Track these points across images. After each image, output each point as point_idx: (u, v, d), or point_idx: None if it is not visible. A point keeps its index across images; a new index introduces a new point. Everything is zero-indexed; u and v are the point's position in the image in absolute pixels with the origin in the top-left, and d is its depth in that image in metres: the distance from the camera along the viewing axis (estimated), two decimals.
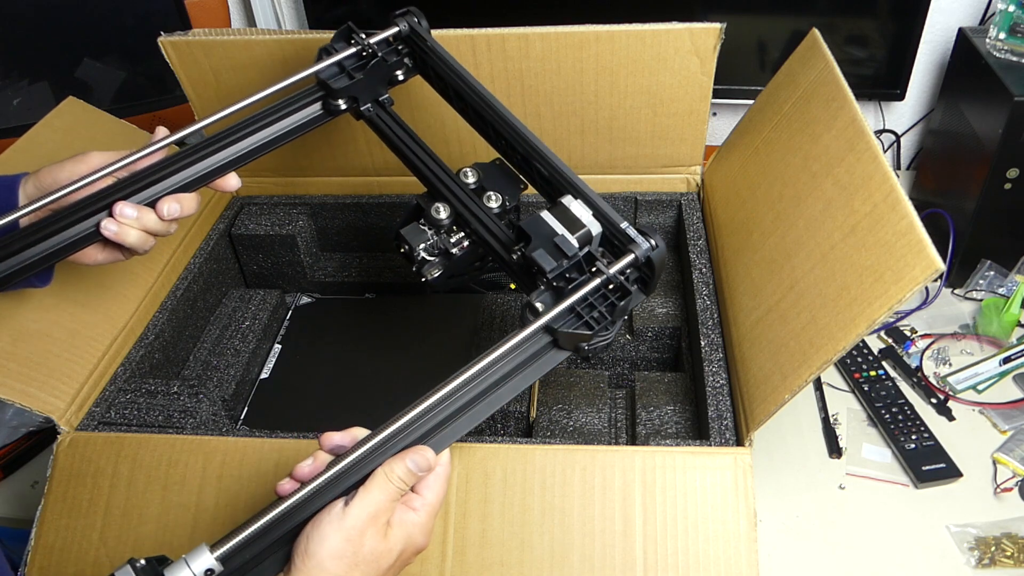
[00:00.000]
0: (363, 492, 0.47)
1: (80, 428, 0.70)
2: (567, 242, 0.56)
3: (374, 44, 0.69)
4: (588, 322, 0.55)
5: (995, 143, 0.86)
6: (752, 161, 0.80)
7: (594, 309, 0.55)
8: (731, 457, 0.61)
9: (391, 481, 0.47)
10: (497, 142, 0.68)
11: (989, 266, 0.97)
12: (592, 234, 0.57)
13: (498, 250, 0.64)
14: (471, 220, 0.66)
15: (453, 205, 0.66)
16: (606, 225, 0.58)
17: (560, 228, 0.57)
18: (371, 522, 0.46)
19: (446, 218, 0.66)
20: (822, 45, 0.76)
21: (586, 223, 0.57)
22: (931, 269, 0.51)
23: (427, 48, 0.69)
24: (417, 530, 0.48)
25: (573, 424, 0.74)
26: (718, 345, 0.72)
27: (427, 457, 0.49)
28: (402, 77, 0.72)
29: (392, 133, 0.70)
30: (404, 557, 0.48)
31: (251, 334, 0.89)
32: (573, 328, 0.55)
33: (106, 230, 0.59)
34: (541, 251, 0.56)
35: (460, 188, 0.67)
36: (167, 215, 0.60)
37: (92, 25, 1.12)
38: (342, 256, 1.00)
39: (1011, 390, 0.87)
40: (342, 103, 0.69)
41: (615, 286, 0.56)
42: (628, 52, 0.81)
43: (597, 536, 0.60)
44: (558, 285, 0.57)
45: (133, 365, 0.77)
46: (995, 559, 0.71)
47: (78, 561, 0.64)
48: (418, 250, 0.65)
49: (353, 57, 0.69)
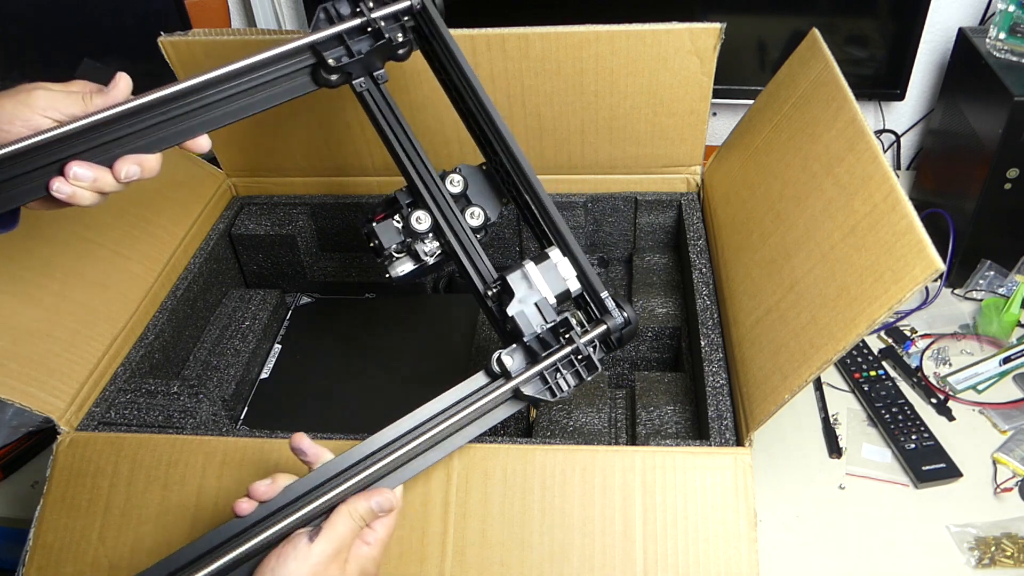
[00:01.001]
0: (328, 528, 0.48)
1: (80, 428, 0.70)
2: (547, 307, 0.58)
3: (380, 19, 0.62)
4: (552, 388, 0.57)
5: (995, 143, 0.86)
6: (752, 161, 0.80)
7: (560, 375, 0.58)
8: (731, 457, 0.61)
9: (353, 519, 0.49)
10: (492, 159, 0.66)
11: (989, 266, 0.97)
12: (571, 293, 0.60)
13: (474, 280, 0.63)
14: (451, 239, 0.64)
15: (433, 215, 0.64)
16: (587, 289, 0.61)
17: (544, 288, 0.59)
18: (334, 557, 0.48)
19: (424, 228, 0.64)
20: (822, 45, 0.76)
21: (568, 284, 0.60)
22: (931, 269, 0.51)
23: (436, 34, 0.64)
24: (369, 563, 0.50)
25: (573, 424, 0.74)
26: (718, 345, 0.72)
27: (390, 500, 0.51)
28: (402, 54, 0.66)
29: (380, 114, 0.65)
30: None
31: (251, 334, 0.89)
32: (536, 393, 0.57)
33: (59, 192, 0.52)
34: (522, 312, 0.58)
35: (443, 196, 0.65)
36: (124, 178, 0.54)
37: (92, 25, 1.12)
38: (342, 256, 1.00)
39: (1011, 390, 0.87)
40: (333, 77, 0.63)
41: (583, 357, 0.58)
42: (628, 52, 0.81)
43: (597, 536, 0.60)
44: (531, 347, 0.58)
45: (133, 365, 0.77)
46: (995, 559, 0.71)
47: (76, 561, 0.64)
48: (389, 249, 0.64)
49: (356, 29, 0.62)
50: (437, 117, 0.87)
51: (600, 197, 0.92)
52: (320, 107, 0.89)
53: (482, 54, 0.82)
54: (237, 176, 0.99)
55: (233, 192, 1.00)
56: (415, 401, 0.56)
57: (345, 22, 0.61)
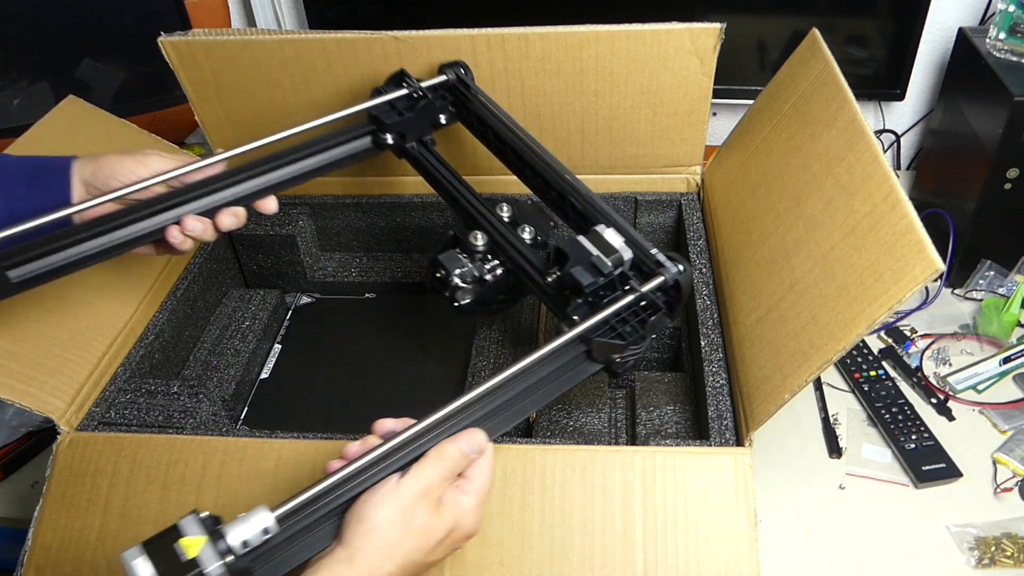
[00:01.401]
0: (417, 467, 0.49)
1: (80, 428, 0.70)
2: (603, 262, 0.60)
3: (424, 88, 0.76)
4: (621, 334, 0.58)
5: (995, 143, 0.86)
6: (752, 161, 0.80)
7: (626, 323, 0.59)
8: (731, 457, 0.61)
9: (443, 459, 0.50)
10: (533, 180, 0.73)
11: (989, 266, 0.97)
12: (624, 259, 0.61)
13: (532, 274, 0.67)
14: (506, 247, 0.69)
15: (489, 233, 0.70)
16: (637, 252, 0.62)
17: (595, 251, 0.61)
18: (423, 496, 0.48)
19: (482, 245, 0.70)
20: (822, 45, 0.76)
21: (618, 248, 0.61)
22: (931, 269, 0.51)
23: (471, 95, 0.76)
24: (467, 513, 0.50)
25: (573, 424, 0.74)
26: (718, 345, 0.72)
27: (478, 439, 0.51)
28: (445, 121, 0.78)
29: (434, 169, 0.76)
30: (454, 537, 0.49)
31: (251, 334, 0.89)
32: (608, 338, 0.58)
33: (173, 238, 0.63)
34: (579, 268, 0.60)
35: (496, 219, 0.71)
36: (224, 227, 0.65)
37: (92, 25, 1.12)
38: (342, 256, 1.00)
39: (1011, 390, 0.87)
40: (390, 138, 0.75)
41: (647, 303, 0.60)
42: (628, 52, 0.81)
43: (597, 536, 0.60)
44: (593, 301, 0.60)
45: (133, 365, 0.77)
46: (995, 559, 0.71)
47: (75, 561, 0.64)
48: (453, 276, 0.68)
49: (404, 99, 0.75)
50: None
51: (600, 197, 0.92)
52: (320, 107, 0.89)
53: (482, 54, 0.82)
54: None
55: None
56: (415, 401, 0.56)
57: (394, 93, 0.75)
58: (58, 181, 0.64)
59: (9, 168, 0.64)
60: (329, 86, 0.86)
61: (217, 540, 0.43)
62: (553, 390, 0.58)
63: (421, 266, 0.97)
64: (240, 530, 0.44)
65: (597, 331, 0.58)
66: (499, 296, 0.72)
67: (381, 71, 0.83)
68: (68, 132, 0.86)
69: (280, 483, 0.64)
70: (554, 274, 0.64)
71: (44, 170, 0.64)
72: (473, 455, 0.51)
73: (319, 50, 0.83)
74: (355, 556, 0.45)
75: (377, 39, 0.81)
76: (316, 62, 0.84)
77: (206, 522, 0.44)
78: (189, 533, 0.43)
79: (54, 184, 0.64)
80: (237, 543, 0.43)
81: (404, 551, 0.47)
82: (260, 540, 0.44)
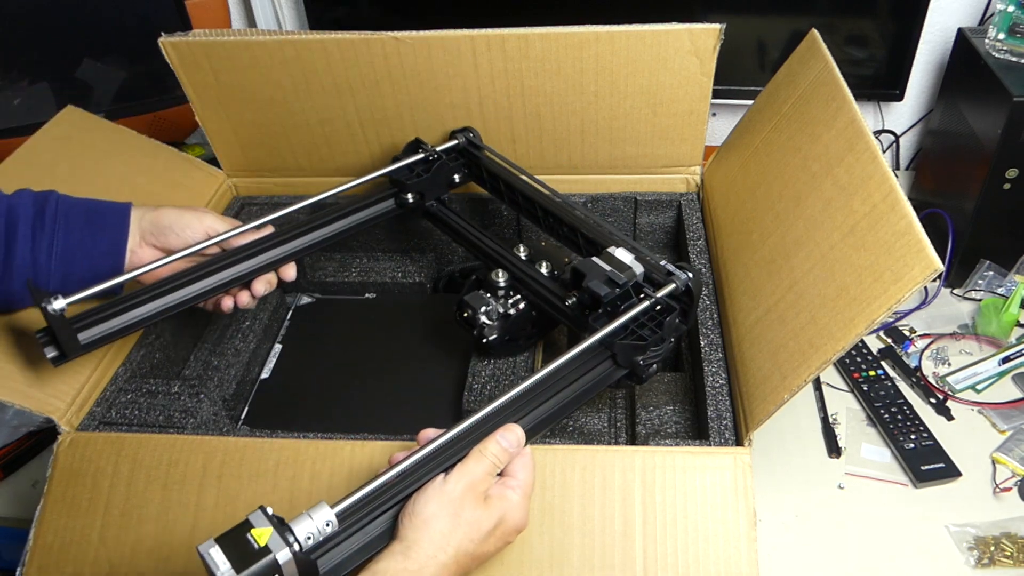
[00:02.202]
0: (461, 465, 0.52)
1: (80, 428, 0.70)
2: (617, 275, 0.65)
3: (438, 151, 0.83)
4: (641, 336, 0.62)
5: (994, 143, 0.86)
6: (752, 161, 0.81)
7: (645, 327, 0.63)
8: (731, 457, 0.61)
9: (485, 455, 0.53)
10: (545, 220, 0.79)
11: (988, 266, 0.97)
12: (636, 272, 0.66)
13: (553, 300, 0.72)
14: (527, 281, 0.75)
15: (509, 271, 0.76)
16: (647, 265, 0.67)
17: (609, 267, 0.66)
18: (469, 490, 0.51)
19: (504, 282, 0.75)
20: (821, 45, 0.76)
21: (630, 264, 0.66)
22: (930, 269, 0.51)
23: (480, 155, 0.84)
24: (514, 507, 0.52)
25: (573, 424, 0.74)
26: (718, 345, 0.72)
27: (516, 433, 0.55)
28: (459, 180, 0.86)
29: (455, 223, 0.84)
30: (503, 530, 0.52)
31: (251, 334, 0.89)
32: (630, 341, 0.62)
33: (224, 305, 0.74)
34: (596, 282, 0.65)
35: (515, 258, 0.78)
36: (258, 294, 0.74)
37: (92, 25, 1.12)
38: (342, 256, 1.00)
39: (1010, 390, 0.87)
40: (410, 197, 0.83)
41: (662, 307, 0.65)
42: (628, 52, 0.81)
43: (597, 536, 0.60)
44: (612, 311, 0.64)
45: (133, 365, 0.77)
46: (994, 559, 0.71)
47: (76, 561, 0.64)
48: (480, 314, 0.73)
49: (420, 162, 0.83)
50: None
51: (600, 197, 0.92)
52: (320, 107, 0.89)
53: (482, 54, 0.82)
54: (237, 176, 0.99)
55: (233, 192, 1.00)
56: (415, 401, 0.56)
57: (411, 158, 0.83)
58: (117, 225, 0.69)
59: (71, 207, 0.68)
60: (329, 87, 0.86)
61: (285, 532, 0.46)
62: (583, 395, 0.61)
63: (421, 266, 0.97)
64: (305, 524, 0.47)
65: (618, 336, 0.62)
66: (525, 330, 0.77)
67: (381, 72, 0.83)
68: (67, 142, 0.86)
69: (280, 483, 0.64)
70: (573, 296, 0.69)
71: (100, 213, 0.69)
72: (512, 449, 0.54)
73: (319, 50, 0.83)
74: (411, 548, 0.48)
75: (377, 39, 0.81)
76: (316, 62, 0.84)
77: (273, 517, 0.47)
78: (258, 525, 0.46)
79: (111, 227, 0.68)
80: (303, 536, 0.46)
81: (457, 541, 0.49)
82: (323, 534, 0.47)
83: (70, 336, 0.63)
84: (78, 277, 0.66)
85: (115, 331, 0.66)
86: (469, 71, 0.83)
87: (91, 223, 0.68)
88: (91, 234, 0.67)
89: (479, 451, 0.53)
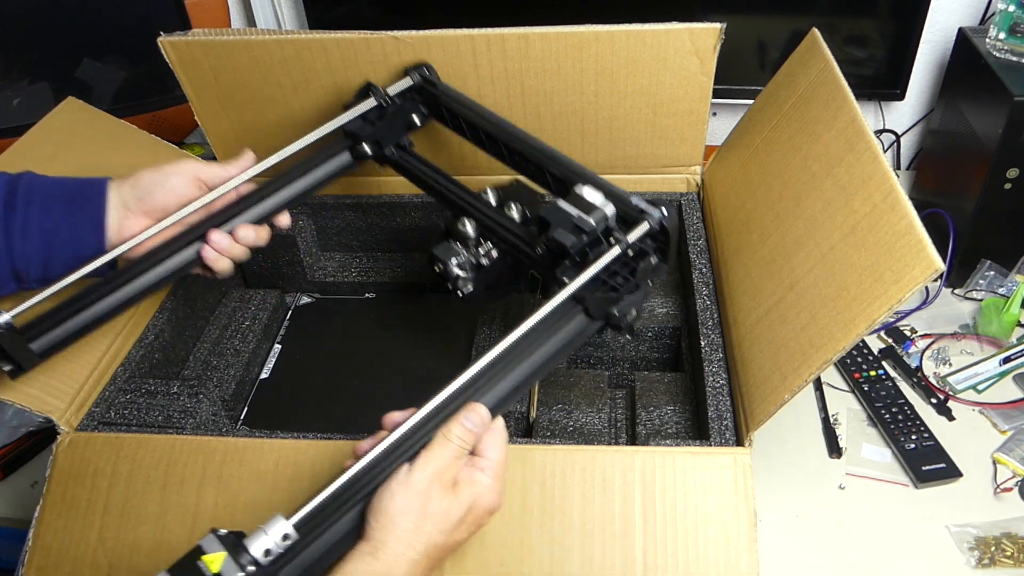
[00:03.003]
0: (425, 453, 0.50)
1: (80, 428, 0.70)
2: (584, 220, 0.60)
3: (392, 95, 0.78)
4: (614, 286, 0.59)
5: (995, 143, 0.86)
6: (752, 161, 0.80)
7: (617, 276, 0.59)
8: (731, 457, 0.61)
9: (450, 440, 0.50)
10: (511, 158, 0.73)
11: (989, 266, 0.97)
12: (607, 214, 0.61)
13: (524, 248, 0.68)
14: (496, 228, 0.70)
15: (478, 219, 0.71)
16: (618, 203, 0.62)
17: (576, 212, 0.61)
18: (435, 479, 0.49)
19: (473, 230, 0.70)
20: (822, 45, 0.76)
21: (599, 205, 0.61)
22: (931, 269, 0.51)
23: (438, 92, 0.78)
24: (485, 490, 0.50)
25: (573, 424, 0.74)
26: (718, 345, 0.72)
27: (479, 412, 0.52)
28: (419, 122, 0.79)
29: (416, 170, 0.77)
30: (475, 515, 0.50)
31: (251, 334, 0.89)
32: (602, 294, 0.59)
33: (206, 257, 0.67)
34: (560, 231, 0.60)
35: (483, 205, 0.72)
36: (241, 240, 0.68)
37: (92, 25, 1.12)
38: (342, 256, 1.00)
39: (1011, 390, 0.87)
40: (367, 148, 0.76)
41: (635, 253, 0.60)
42: (628, 52, 0.81)
43: (597, 536, 0.60)
44: (581, 260, 0.60)
45: (133, 365, 0.77)
46: (995, 559, 0.71)
47: (75, 561, 0.64)
48: (451, 266, 0.69)
49: (375, 110, 0.77)
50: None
51: None
52: (320, 107, 0.89)
53: (482, 54, 0.81)
54: None
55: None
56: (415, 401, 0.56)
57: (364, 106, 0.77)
58: (95, 200, 0.65)
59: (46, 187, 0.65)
60: (329, 86, 0.86)
61: (240, 553, 0.44)
62: (557, 355, 0.58)
63: (421, 266, 0.97)
64: (261, 542, 0.45)
65: (589, 288, 0.59)
66: (502, 278, 0.73)
67: (381, 71, 0.83)
68: (68, 133, 0.86)
69: (280, 483, 0.64)
70: (543, 245, 0.64)
71: (78, 191, 0.65)
72: (478, 429, 0.51)
73: (319, 50, 0.83)
74: (379, 548, 0.47)
75: (377, 39, 0.81)
76: (316, 62, 0.84)
77: (226, 539, 0.45)
78: (210, 550, 0.44)
79: (90, 203, 0.65)
80: (259, 554, 0.45)
81: (426, 536, 0.48)
82: (282, 547, 0.46)
83: (21, 348, 0.60)
84: (61, 261, 0.63)
85: (70, 335, 0.63)
86: (469, 71, 0.83)
87: (70, 201, 0.64)
88: (70, 213, 0.63)
89: (443, 436, 0.50)
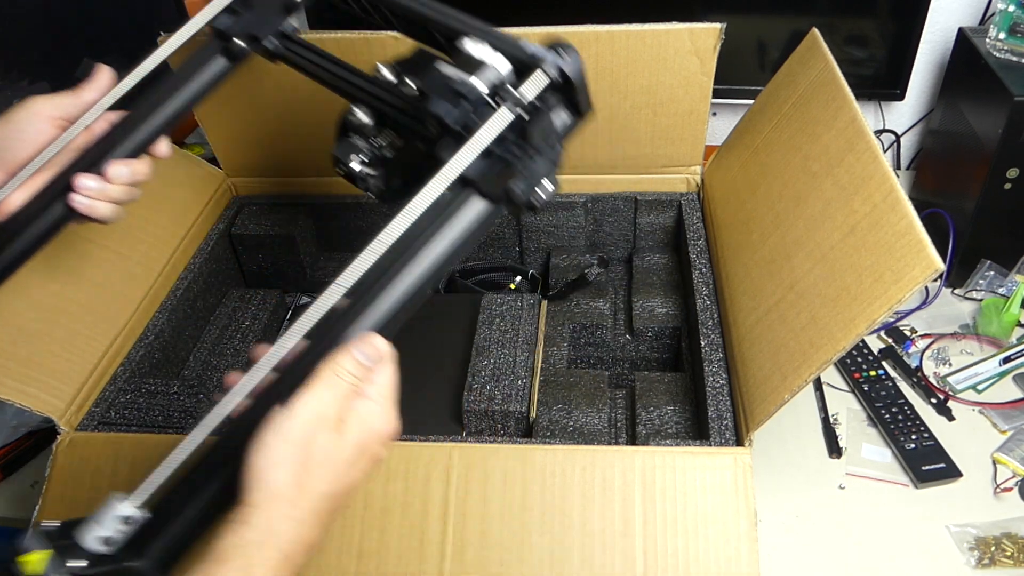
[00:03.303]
0: (307, 391, 0.41)
1: (80, 428, 0.70)
2: (466, 84, 0.48)
3: None
4: (505, 158, 0.47)
5: (995, 143, 0.86)
6: (752, 161, 0.80)
7: (512, 144, 0.48)
8: (731, 457, 0.61)
9: (340, 377, 0.42)
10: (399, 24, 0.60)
11: (989, 266, 0.97)
12: (500, 72, 0.48)
13: (419, 130, 0.56)
14: (392, 113, 0.58)
15: (372, 105, 0.59)
16: (509, 54, 0.49)
17: (458, 75, 0.49)
18: (319, 422, 0.41)
19: (368, 119, 0.59)
20: (822, 45, 0.76)
21: (486, 60, 0.48)
22: (931, 269, 0.51)
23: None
24: (375, 419, 0.43)
25: (573, 424, 0.74)
26: (718, 345, 0.72)
27: (376, 345, 0.44)
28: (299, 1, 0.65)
29: (306, 61, 0.64)
30: (371, 450, 0.43)
31: (251, 334, 0.89)
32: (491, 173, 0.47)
33: (79, 205, 0.57)
34: (436, 99, 0.48)
35: (376, 86, 0.59)
36: (114, 179, 0.58)
37: (92, 25, 1.12)
38: (342, 256, 1.00)
39: (1011, 390, 0.87)
40: (243, 43, 0.63)
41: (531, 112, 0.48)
42: (628, 52, 0.81)
43: (597, 536, 0.60)
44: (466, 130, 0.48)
45: (133, 365, 0.77)
46: (995, 559, 0.71)
47: None
48: (352, 164, 0.59)
49: None
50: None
51: (600, 197, 0.92)
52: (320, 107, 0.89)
53: None
54: (237, 176, 0.99)
55: (233, 192, 1.00)
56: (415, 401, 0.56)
57: None
58: None
59: None
60: None
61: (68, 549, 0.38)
62: (454, 254, 0.47)
63: None
64: (93, 531, 0.39)
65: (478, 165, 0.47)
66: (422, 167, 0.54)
67: None
68: None
69: None
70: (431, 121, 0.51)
71: None
72: (371, 364, 0.44)
73: None
74: (252, 513, 0.39)
75: (377, 39, 0.81)
76: None
77: (54, 533, 0.39)
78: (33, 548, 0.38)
79: None
80: (95, 545, 0.39)
81: (311, 488, 0.40)
82: (125, 532, 0.40)
83: None
84: None
85: None
86: None
87: None
88: None
89: (332, 372, 0.42)
